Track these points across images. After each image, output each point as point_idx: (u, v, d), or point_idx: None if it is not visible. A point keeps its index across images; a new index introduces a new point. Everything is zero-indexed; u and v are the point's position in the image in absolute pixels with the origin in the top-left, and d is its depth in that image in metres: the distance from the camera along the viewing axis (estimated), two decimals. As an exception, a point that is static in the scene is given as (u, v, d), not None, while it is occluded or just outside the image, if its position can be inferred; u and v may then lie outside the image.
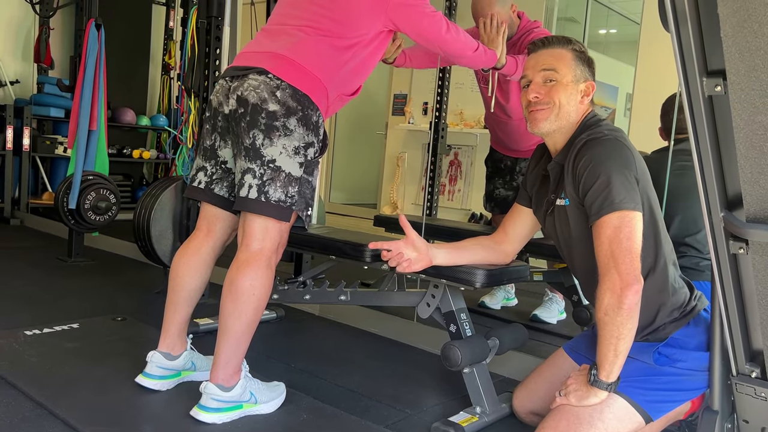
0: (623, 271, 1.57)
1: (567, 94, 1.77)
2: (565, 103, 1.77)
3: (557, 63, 1.78)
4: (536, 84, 1.79)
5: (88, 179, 3.74)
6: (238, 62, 1.91)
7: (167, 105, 6.42)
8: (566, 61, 1.78)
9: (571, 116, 1.78)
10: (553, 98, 1.76)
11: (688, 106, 1.22)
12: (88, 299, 3.09)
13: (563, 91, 1.77)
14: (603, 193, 1.63)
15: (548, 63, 1.78)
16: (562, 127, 1.79)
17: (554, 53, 1.79)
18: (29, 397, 1.87)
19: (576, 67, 1.78)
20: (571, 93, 1.77)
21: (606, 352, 1.60)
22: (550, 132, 1.81)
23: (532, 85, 1.80)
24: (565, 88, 1.77)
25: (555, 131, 1.80)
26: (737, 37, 1.07)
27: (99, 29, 3.72)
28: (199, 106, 3.02)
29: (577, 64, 1.79)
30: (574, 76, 1.78)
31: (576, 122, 1.80)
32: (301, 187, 1.83)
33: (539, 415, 1.91)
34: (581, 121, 1.80)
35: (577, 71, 1.78)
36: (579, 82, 1.79)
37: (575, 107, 1.78)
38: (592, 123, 1.79)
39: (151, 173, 6.58)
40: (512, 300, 3.50)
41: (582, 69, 1.79)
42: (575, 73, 1.78)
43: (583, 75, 1.80)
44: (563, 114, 1.77)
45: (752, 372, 1.54)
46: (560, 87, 1.77)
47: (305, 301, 2.41)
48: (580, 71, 1.79)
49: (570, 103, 1.77)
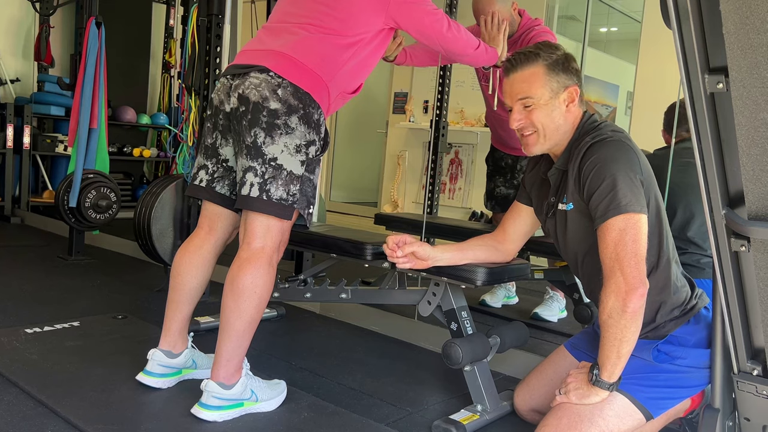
0: (628, 275, 1.57)
1: (547, 113, 1.74)
2: (549, 122, 1.75)
3: (529, 88, 1.73)
4: (516, 112, 1.76)
5: (88, 177, 3.74)
6: (239, 60, 1.91)
7: (168, 103, 6.41)
8: (539, 81, 1.73)
9: (561, 128, 1.77)
10: (534, 123, 1.75)
11: (690, 103, 1.21)
12: (89, 297, 3.09)
13: (543, 112, 1.74)
14: (608, 196, 1.62)
15: (521, 91, 1.74)
16: (556, 142, 1.79)
17: (525, 76, 1.74)
18: (30, 396, 1.87)
19: (550, 80, 1.73)
20: (552, 109, 1.74)
21: (609, 353, 1.60)
22: (546, 150, 1.81)
23: (512, 113, 1.77)
24: (544, 108, 1.73)
25: (551, 148, 1.80)
26: (739, 34, 1.07)
27: (99, 27, 3.72)
28: (199, 104, 3.02)
29: (551, 76, 1.73)
30: (550, 92, 1.73)
31: (571, 128, 1.79)
32: (303, 185, 1.83)
33: (540, 412, 1.91)
34: (578, 125, 1.79)
35: (553, 84, 1.73)
36: (558, 94, 1.74)
37: (562, 119, 1.76)
38: (591, 127, 1.77)
39: (152, 172, 6.58)
40: (513, 298, 3.49)
41: (558, 79, 1.74)
42: (551, 88, 1.73)
43: (562, 84, 1.74)
44: (550, 132, 1.76)
45: (754, 370, 1.54)
46: (538, 110, 1.73)
47: (306, 299, 2.41)
48: (556, 83, 1.74)
49: (554, 119, 1.75)
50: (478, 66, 2.48)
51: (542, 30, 2.81)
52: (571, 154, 1.75)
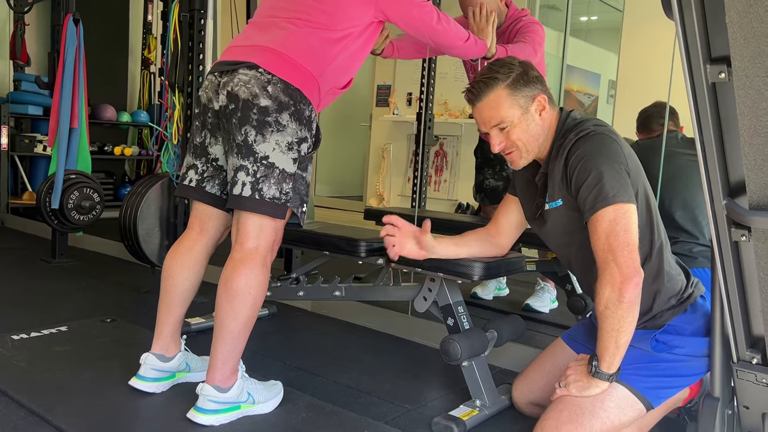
0: (622, 264, 1.57)
1: (524, 128, 1.74)
2: (528, 136, 1.75)
3: (498, 113, 1.73)
4: (494, 137, 1.76)
5: (70, 178, 3.68)
6: (226, 57, 1.87)
7: (148, 101, 6.32)
8: (505, 103, 1.72)
9: (540, 137, 1.78)
10: (514, 141, 1.75)
11: (692, 93, 1.20)
12: (75, 301, 3.04)
13: (520, 129, 1.74)
14: (596, 189, 1.62)
15: (492, 118, 1.74)
16: (538, 149, 1.79)
17: (490, 103, 1.73)
18: (20, 404, 1.83)
19: (516, 99, 1.72)
20: (528, 122, 1.74)
21: (607, 344, 1.59)
22: (531, 160, 1.81)
23: (491, 138, 1.77)
24: (519, 126, 1.74)
25: (536, 154, 1.81)
26: (743, 22, 1.06)
27: (77, 24, 3.65)
28: (183, 101, 2.96)
29: (516, 95, 1.72)
30: (520, 109, 1.73)
31: (549, 130, 1.78)
32: (296, 183, 1.80)
33: (539, 405, 1.90)
34: (556, 125, 1.79)
35: (520, 101, 1.73)
36: (528, 108, 1.74)
37: (539, 128, 1.77)
38: (573, 124, 1.77)
39: (133, 170, 6.50)
40: (504, 290, 3.50)
41: (523, 94, 1.73)
42: (519, 105, 1.73)
43: (528, 97, 1.74)
44: (531, 144, 1.77)
45: (753, 358, 1.55)
46: (515, 129, 1.74)
47: (299, 297, 2.38)
48: (522, 99, 1.73)
49: (532, 131, 1.76)
50: (468, 58, 2.46)
51: (529, 21, 2.80)
52: (556, 154, 1.75)
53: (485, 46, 2.34)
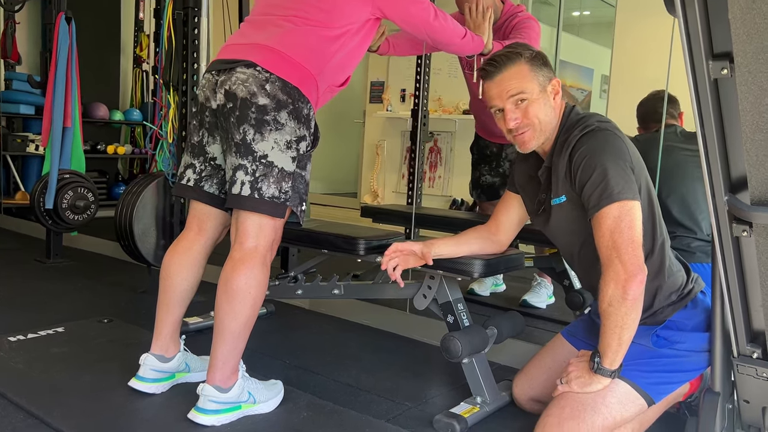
0: (627, 261, 1.57)
1: (541, 106, 1.74)
2: (544, 115, 1.75)
3: (520, 83, 1.72)
4: (510, 111, 1.74)
5: (64, 178, 3.64)
6: (223, 55, 1.86)
7: (140, 99, 6.28)
8: (527, 76, 1.72)
9: (552, 122, 1.78)
10: (531, 119, 1.74)
11: (694, 89, 1.20)
12: (72, 301, 3.02)
13: (537, 106, 1.73)
14: (601, 185, 1.62)
15: (513, 88, 1.72)
16: (547, 136, 1.79)
17: (512, 74, 1.73)
18: (19, 407, 1.82)
19: (537, 75, 1.73)
20: (545, 102, 1.75)
21: (610, 341, 1.59)
22: (538, 145, 1.81)
23: (506, 112, 1.74)
24: (538, 103, 1.73)
25: (543, 142, 1.80)
26: (746, 18, 1.06)
27: (69, 23, 3.61)
28: (178, 99, 2.95)
29: (537, 70, 1.74)
30: (540, 85, 1.74)
31: (557, 121, 1.79)
32: (295, 182, 1.79)
33: (540, 401, 1.91)
34: (560, 118, 1.80)
35: (540, 78, 1.74)
36: (546, 86, 1.75)
37: (552, 112, 1.77)
38: (576, 119, 1.77)
39: (126, 169, 6.46)
40: (500, 286, 3.50)
41: (543, 72, 1.75)
42: (539, 81, 1.74)
43: (547, 77, 1.75)
44: (545, 125, 1.76)
45: (753, 353, 1.55)
46: (533, 104, 1.73)
47: (297, 296, 2.38)
48: (542, 76, 1.74)
49: (548, 113, 1.76)
50: (465, 54, 2.45)
51: (525, 16, 2.80)
52: (560, 149, 1.75)
53: (482, 42, 2.33)
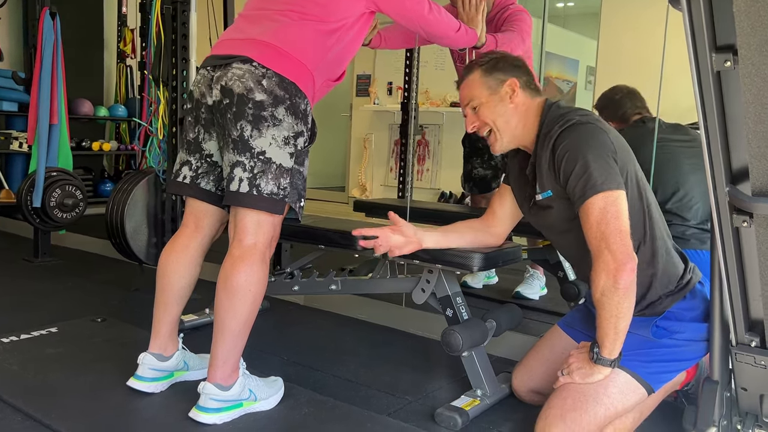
0: (615, 251, 1.58)
1: (492, 107, 1.83)
2: (497, 116, 1.83)
3: (470, 92, 1.86)
4: (468, 117, 1.89)
5: (51, 176, 3.60)
6: (218, 51, 1.84)
7: (125, 94, 6.21)
8: (476, 84, 1.85)
9: (512, 122, 1.83)
10: (483, 120, 1.85)
11: (697, 82, 1.21)
12: (63, 300, 2.99)
13: (487, 108, 1.84)
14: (583, 178, 1.64)
15: (465, 96, 1.88)
16: (516, 135, 1.84)
17: (467, 85, 1.88)
18: (16, 409, 1.79)
19: (486, 81, 1.84)
20: (497, 104, 1.83)
21: (607, 331, 1.61)
22: (510, 145, 1.87)
23: (466, 119, 1.90)
24: (487, 105, 1.83)
25: (513, 140, 1.86)
26: (750, 12, 1.06)
27: (54, 18, 3.56)
28: (168, 95, 2.91)
29: (487, 78, 1.84)
30: (488, 89, 1.83)
31: (534, 118, 1.82)
32: (293, 178, 1.78)
33: (539, 393, 1.92)
34: (540, 114, 1.82)
35: (490, 83, 1.84)
36: (497, 90, 1.83)
37: (509, 113, 1.83)
38: (557, 114, 1.78)
39: (112, 165, 6.38)
40: (493, 278, 3.51)
41: (493, 78, 1.84)
42: (488, 86, 1.84)
43: (498, 80, 1.83)
44: (502, 125, 1.84)
45: (752, 341, 1.57)
46: (483, 107, 1.84)
47: (294, 292, 2.37)
48: (492, 81, 1.84)
49: (503, 114, 1.83)
50: (458, 47, 2.45)
51: (517, 9, 2.80)
52: (542, 144, 1.77)
53: (475, 35, 2.33)
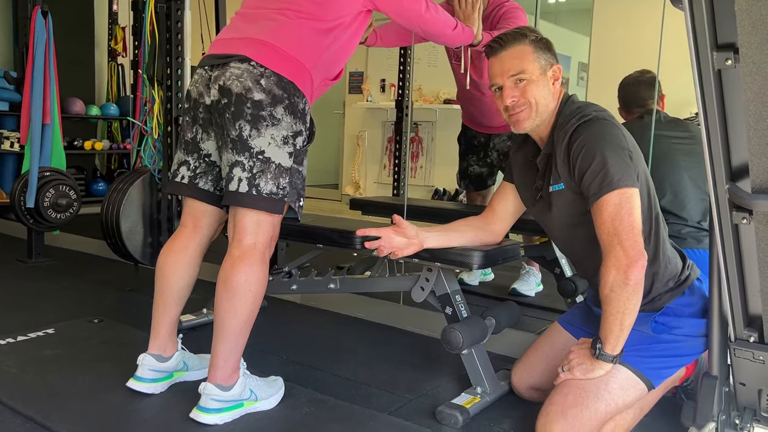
0: (628, 247, 1.59)
1: (540, 88, 1.78)
2: (541, 97, 1.78)
3: (521, 63, 1.77)
4: (508, 88, 1.78)
5: (45, 176, 3.57)
6: (215, 50, 1.83)
7: (116, 93, 6.17)
8: (529, 57, 1.77)
9: (549, 106, 1.80)
10: (528, 98, 1.78)
11: (698, 80, 1.22)
12: (59, 301, 2.97)
13: (536, 87, 1.77)
14: (601, 174, 1.64)
15: (513, 67, 1.77)
16: (544, 120, 1.81)
17: (515, 53, 1.78)
18: (16, 412, 1.79)
19: (539, 57, 1.78)
20: (544, 85, 1.78)
21: (612, 326, 1.61)
22: (534, 128, 1.83)
23: (504, 90, 1.79)
24: (536, 84, 1.77)
25: (539, 125, 1.82)
26: (751, 10, 1.07)
27: (46, 17, 3.53)
28: (163, 95, 2.90)
29: (539, 53, 1.78)
30: (540, 68, 1.78)
31: (554, 108, 1.81)
32: (292, 177, 1.78)
33: (539, 389, 1.93)
34: (558, 105, 1.81)
35: (542, 61, 1.78)
36: (546, 70, 1.79)
37: (550, 96, 1.80)
38: (573, 108, 1.78)
39: (104, 164, 6.34)
40: (489, 275, 3.52)
41: (545, 56, 1.79)
42: (541, 64, 1.78)
43: (548, 62, 1.79)
44: (542, 108, 1.79)
45: (750, 337, 1.58)
46: (532, 84, 1.77)
47: (292, 291, 2.36)
48: (544, 60, 1.78)
49: (545, 96, 1.79)
50: (455, 46, 2.45)
51: (512, 6, 2.80)
52: (557, 136, 1.77)
53: (472, 33, 2.33)
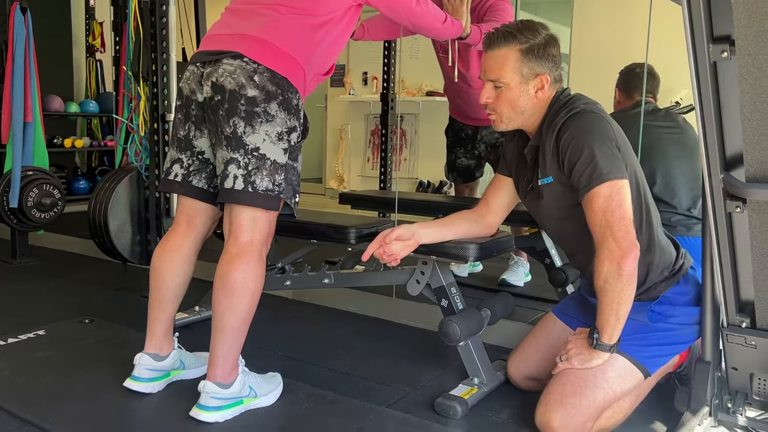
0: (620, 239, 1.61)
1: (517, 97, 1.75)
2: (517, 105, 1.76)
3: (500, 70, 1.74)
4: (486, 89, 1.78)
5: (28, 175, 3.51)
6: (207, 46, 1.82)
7: (95, 89, 6.09)
8: (510, 65, 1.73)
9: (526, 112, 1.78)
10: (499, 107, 1.78)
11: (695, 72, 1.24)
12: (46, 302, 2.94)
13: (512, 95, 1.75)
14: (590, 166, 1.65)
15: (493, 72, 1.75)
16: (524, 120, 1.81)
17: (498, 57, 1.74)
18: (12, 415, 1.77)
19: (522, 66, 1.73)
20: (522, 94, 1.75)
21: (608, 317, 1.64)
22: (517, 126, 1.83)
23: (483, 88, 1.79)
24: (513, 92, 1.75)
25: (523, 123, 1.82)
26: (747, 2, 1.09)
27: (25, 13, 3.47)
28: (149, 91, 2.87)
29: (525, 62, 1.73)
30: (521, 78, 1.74)
31: (543, 106, 1.79)
32: (287, 173, 1.78)
33: (535, 379, 1.95)
34: (549, 102, 1.80)
35: (524, 70, 1.73)
36: (528, 81, 1.74)
37: (528, 104, 1.77)
38: (564, 101, 1.78)
39: (85, 162, 6.26)
40: (478, 266, 3.53)
41: (531, 65, 1.73)
42: (522, 74, 1.73)
43: (533, 72, 1.74)
44: (516, 112, 1.78)
45: (742, 322, 1.62)
46: (509, 93, 1.75)
47: (286, 287, 2.36)
48: (528, 69, 1.73)
49: (520, 104, 1.76)
50: (444, 39, 2.46)
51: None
52: (546, 130, 1.77)
53: (461, 26, 2.34)
